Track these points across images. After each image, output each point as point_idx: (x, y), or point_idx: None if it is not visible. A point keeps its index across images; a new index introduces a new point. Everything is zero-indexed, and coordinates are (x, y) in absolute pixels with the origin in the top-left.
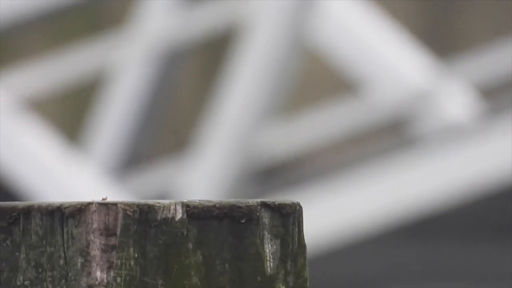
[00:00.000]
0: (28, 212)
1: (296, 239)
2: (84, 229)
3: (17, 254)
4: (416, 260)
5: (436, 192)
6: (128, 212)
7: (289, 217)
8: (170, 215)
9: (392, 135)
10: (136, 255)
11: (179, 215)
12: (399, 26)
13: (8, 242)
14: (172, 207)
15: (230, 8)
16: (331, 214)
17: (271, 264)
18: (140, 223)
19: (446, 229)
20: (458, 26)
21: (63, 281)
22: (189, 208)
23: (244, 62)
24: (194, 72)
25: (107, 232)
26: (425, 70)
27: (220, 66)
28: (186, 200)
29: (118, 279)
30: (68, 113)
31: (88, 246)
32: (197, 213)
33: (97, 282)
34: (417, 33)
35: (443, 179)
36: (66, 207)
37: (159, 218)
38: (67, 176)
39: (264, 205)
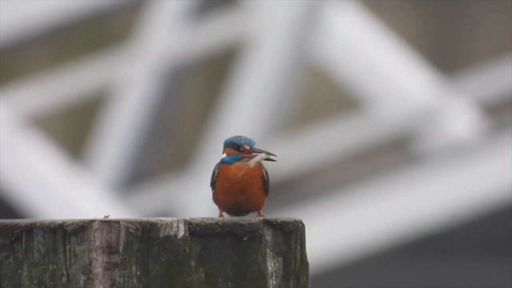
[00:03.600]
0: (31, 229)
1: (299, 256)
2: (87, 247)
3: (19, 271)
4: (420, 277)
5: (441, 210)
6: (130, 229)
7: (291, 235)
8: (172, 233)
9: (397, 152)
10: (138, 273)
11: (181, 233)
12: (403, 43)
13: (11, 259)
14: (175, 224)
15: (234, 25)
16: (334, 232)
17: (274, 281)
18: (142, 241)
19: (449, 246)
20: (462, 44)
21: None
22: (191, 226)
23: (248, 80)
24: (197, 89)
25: (110, 249)
26: (429, 87)
27: (223, 84)
28: (188, 218)
29: None
30: (72, 130)
31: (90, 263)
32: (200, 231)
33: None
34: (421, 50)
35: (448, 196)
36: (68, 225)
37: (161, 235)
38: (70, 193)
39: (267, 223)
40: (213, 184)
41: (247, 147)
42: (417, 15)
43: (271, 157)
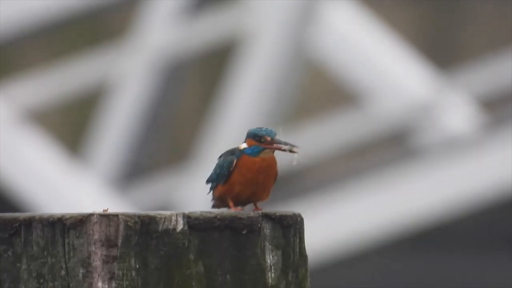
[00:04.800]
0: (29, 223)
1: (297, 250)
2: (85, 240)
3: (18, 265)
4: (418, 271)
5: (438, 204)
6: (129, 223)
7: (290, 228)
8: (171, 227)
9: (394, 147)
10: (137, 266)
11: (180, 226)
12: (400, 38)
13: (10, 253)
14: (174, 218)
15: (231, 20)
16: (332, 225)
17: (273, 275)
18: (141, 234)
19: (447, 241)
20: (459, 38)
21: None
22: (190, 220)
23: (245, 75)
24: (195, 84)
25: (109, 243)
26: (427, 82)
27: (221, 79)
28: (187, 212)
29: None
30: (70, 125)
31: (89, 257)
32: (198, 225)
33: None
34: (418, 45)
35: (445, 190)
36: (67, 218)
37: (160, 229)
38: (68, 187)
39: (265, 216)
40: (227, 175)
41: (268, 138)
42: (414, 10)
43: (294, 149)
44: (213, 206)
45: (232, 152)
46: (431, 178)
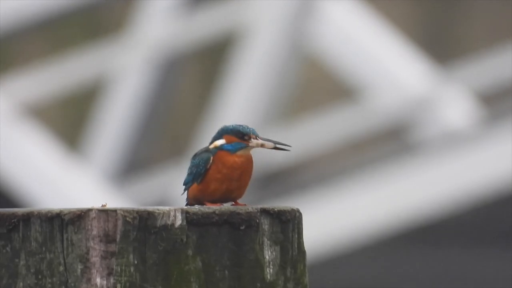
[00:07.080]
0: (28, 218)
1: (296, 245)
2: (84, 236)
3: (16, 260)
4: (415, 266)
5: (436, 199)
6: (127, 218)
7: (288, 224)
8: (169, 222)
9: (392, 142)
10: (135, 262)
11: (178, 222)
12: (399, 33)
13: (8, 248)
14: (172, 213)
15: (229, 15)
16: (331, 220)
17: (271, 270)
18: (139, 230)
19: (445, 235)
20: (458, 33)
21: (63, 287)
22: (188, 215)
23: (243, 69)
24: (193, 79)
25: (107, 238)
26: (425, 77)
27: (219, 73)
28: (185, 207)
29: (118, 286)
30: (68, 120)
31: (88, 252)
32: (197, 220)
33: None
34: (416, 40)
35: (443, 185)
36: (65, 214)
37: (158, 224)
38: (67, 182)
39: (264, 211)
40: (204, 173)
41: (253, 136)
42: (412, 4)
43: (281, 147)
44: (188, 205)
45: (206, 151)
46: (430, 173)
